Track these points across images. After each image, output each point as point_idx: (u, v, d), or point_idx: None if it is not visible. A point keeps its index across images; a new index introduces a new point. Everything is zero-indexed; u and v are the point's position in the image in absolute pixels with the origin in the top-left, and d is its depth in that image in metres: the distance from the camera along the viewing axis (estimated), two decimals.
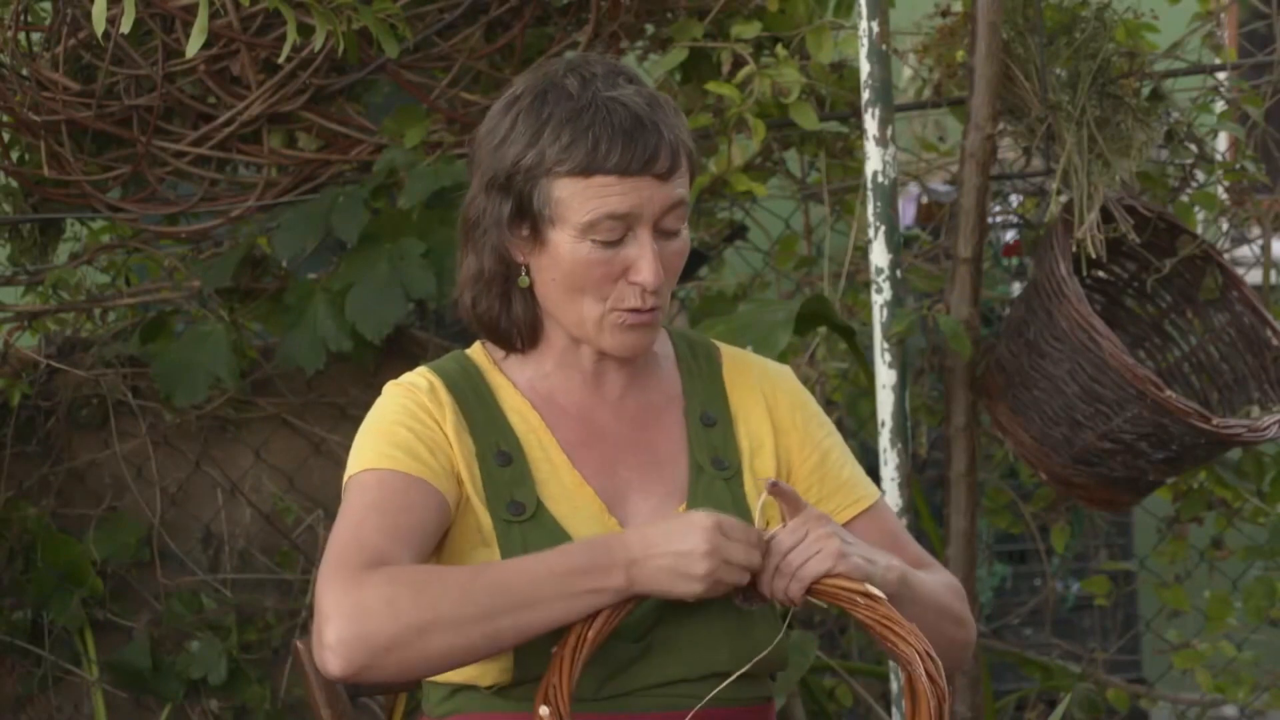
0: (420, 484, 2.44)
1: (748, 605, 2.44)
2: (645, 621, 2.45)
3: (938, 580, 2.56)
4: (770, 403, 2.61)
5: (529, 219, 2.47)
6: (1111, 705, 4.56)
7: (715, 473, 2.54)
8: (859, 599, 2.38)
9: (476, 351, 2.60)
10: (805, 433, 2.59)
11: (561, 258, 2.46)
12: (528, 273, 2.51)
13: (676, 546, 2.33)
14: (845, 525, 2.54)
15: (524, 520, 2.45)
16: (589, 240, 2.45)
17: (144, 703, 4.31)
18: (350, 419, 4.20)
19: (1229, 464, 4.22)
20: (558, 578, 2.34)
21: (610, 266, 2.46)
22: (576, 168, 2.42)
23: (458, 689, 2.49)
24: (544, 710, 2.31)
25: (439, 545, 2.47)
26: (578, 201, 2.43)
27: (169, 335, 4.25)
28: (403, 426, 2.47)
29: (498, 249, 2.51)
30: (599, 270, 2.46)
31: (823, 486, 2.59)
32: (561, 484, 2.50)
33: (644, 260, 2.45)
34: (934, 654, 2.34)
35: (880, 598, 2.37)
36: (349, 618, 2.30)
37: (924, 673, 2.34)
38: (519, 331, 2.55)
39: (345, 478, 2.47)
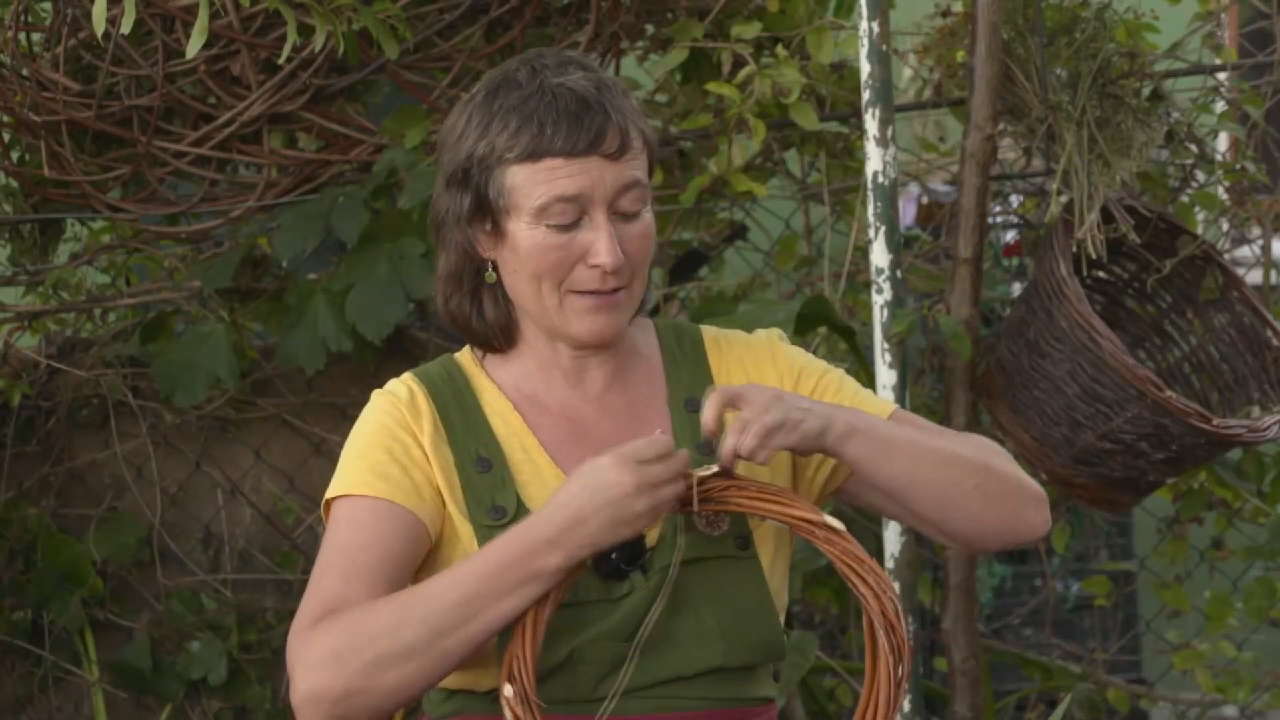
0: (391, 511, 2.44)
1: (711, 531, 2.43)
2: (633, 620, 2.44)
3: (954, 435, 2.54)
4: (754, 379, 2.58)
5: (488, 212, 2.48)
6: (1112, 705, 4.56)
7: (701, 458, 2.52)
8: (818, 530, 2.36)
9: (464, 355, 2.60)
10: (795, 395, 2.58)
11: (519, 246, 2.47)
12: (494, 268, 2.52)
13: (604, 496, 2.33)
14: None
15: (505, 524, 2.44)
16: (543, 225, 2.45)
17: (144, 703, 4.31)
18: (350, 419, 4.16)
19: (1229, 464, 4.23)
20: (486, 580, 2.34)
21: (567, 251, 2.46)
22: (524, 152, 2.43)
23: (455, 691, 2.49)
24: (508, 690, 2.31)
25: (426, 560, 2.47)
26: (528, 186, 2.44)
27: (169, 335, 4.25)
28: (379, 448, 2.48)
29: (462, 245, 2.52)
30: (555, 255, 2.46)
31: None
32: (545, 485, 2.48)
33: (600, 242, 2.45)
34: (894, 594, 2.34)
35: (840, 530, 2.35)
36: (302, 678, 2.36)
37: (881, 615, 2.32)
38: (493, 332, 2.55)
39: (325, 497, 2.49)
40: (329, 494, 2.49)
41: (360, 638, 2.34)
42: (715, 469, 2.40)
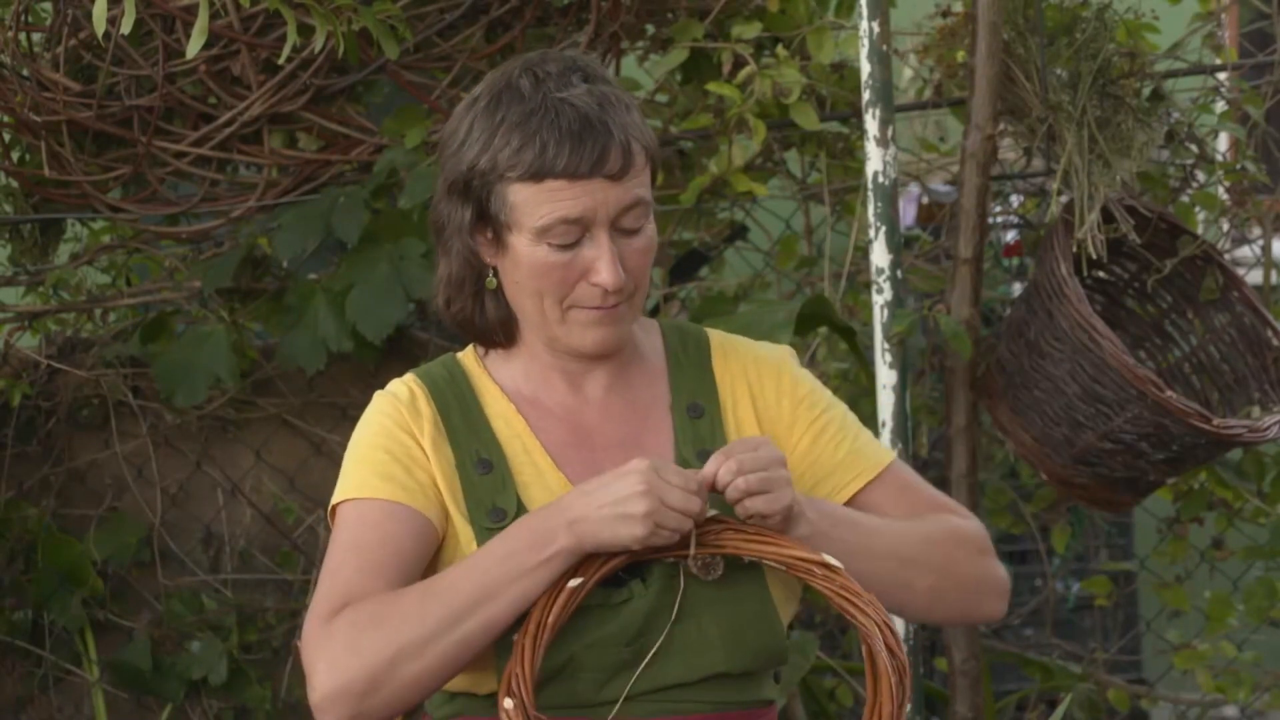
0: (398, 510, 2.45)
1: (706, 575, 2.43)
2: (632, 626, 2.44)
3: (921, 527, 2.53)
4: (755, 391, 2.59)
5: (489, 223, 2.48)
6: (1112, 706, 4.56)
7: (700, 465, 2.52)
8: (816, 569, 2.37)
9: (467, 355, 2.60)
10: (794, 417, 2.58)
11: (521, 262, 2.47)
12: (495, 274, 2.52)
13: (614, 493, 2.34)
14: (852, 499, 2.55)
15: (504, 526, 2.44)
16: (545, 244, 2.44)
17: (144, 703, 4.31)
18: (350, 419, 4.18)
19: (1229, 464, 4.22)
20: (504, 561, 2.36)
21: (569, 269, 2.46)
22: (527, 172, 2.42)
23: (457, 694, 2.49)
24: (508, 703, 2.31)
25: (431, 562, 2.48)
26: (530, 206, 2.43)
27: (169, 335, 4.25)
28: (380, 449, 2.49)
29: (463, 253, 2.52)
30: (558, 273, 2.46)
31: (816, 469, 2.57)
32: (546, 487, 2.48)
33: (602, 261, 2.44)
34: (893, 625, 2.35)
35: (837, 568, 2.36)
36: (323, 673, 2.34)
37: (883, 645, 2.34)
38: (495, 328, 2.55)
39: (331, 502, 2.50)
40: (335, 499, 2.49)
41: (383, 629, 2.34)
42: (711, 513, 2.41)
